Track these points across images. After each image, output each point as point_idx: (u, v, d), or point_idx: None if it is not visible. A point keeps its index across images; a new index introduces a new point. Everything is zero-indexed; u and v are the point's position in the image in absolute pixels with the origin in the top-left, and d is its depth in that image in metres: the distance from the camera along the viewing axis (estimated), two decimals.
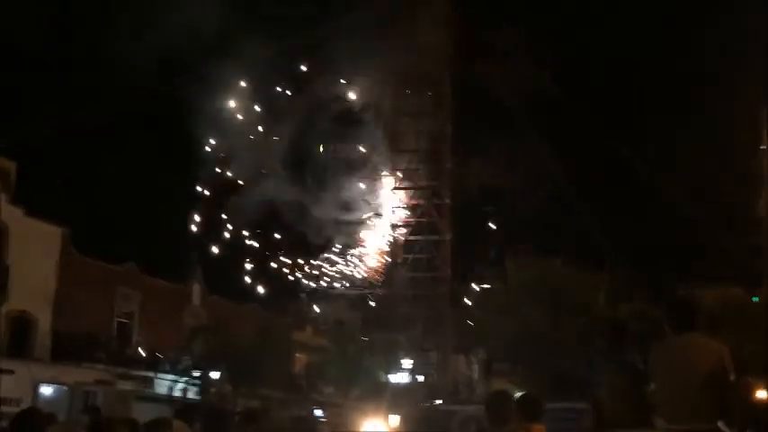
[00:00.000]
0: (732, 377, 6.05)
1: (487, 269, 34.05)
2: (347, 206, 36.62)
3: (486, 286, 33.68)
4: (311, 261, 38.14)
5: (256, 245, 39.29)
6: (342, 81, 36.00)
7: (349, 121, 37.57)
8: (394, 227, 37.57)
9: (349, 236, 37.37)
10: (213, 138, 35.31)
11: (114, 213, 37.94)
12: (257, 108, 35.62)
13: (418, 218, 37.42)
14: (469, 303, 34.43)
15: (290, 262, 38.84)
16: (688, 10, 32.61)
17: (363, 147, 38.10)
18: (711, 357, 6.13)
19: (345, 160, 37.50)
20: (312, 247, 37.90)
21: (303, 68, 35.03)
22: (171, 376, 33.54)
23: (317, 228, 36.41)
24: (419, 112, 37.68)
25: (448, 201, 37.54)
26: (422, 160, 38.04)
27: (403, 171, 37.58)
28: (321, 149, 37.15)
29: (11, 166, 30.28)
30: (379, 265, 38.34)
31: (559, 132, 35.58)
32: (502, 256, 33.98)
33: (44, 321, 30.08)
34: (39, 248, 29.76)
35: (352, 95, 36.71)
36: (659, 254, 32.75)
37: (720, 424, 5.94)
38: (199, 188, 35.67)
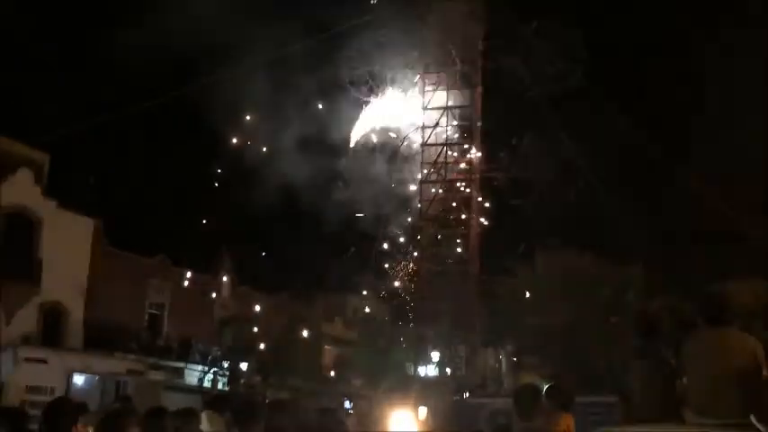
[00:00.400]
0: (765, 372, 5.97)
1: (516, 262, 33.85)
2: (372, 198, 36.53)
3: (514, 280, 33.52)
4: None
5: (284, 236, 39.37)
6: (366, 68, 35.85)
7: (374, 109, 37.46)
8: (421, 219, 37.39)
9: (374, 228, 37.32)
10: (239, 125, 35.31)
11: (146, 206, 38.26)
12: (278, 93, 35.60)
13: (446, 210, 37.19)
14: (498, 297, 34.26)
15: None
16: None
17: (389, 138, 38.00)
18: (744, 352, 6.05)
19: (369, 150, 37.43)
20: (335, 238, 37.91)
21: (329, 54, 34.95)
22: (201, 367, 33.82)
23: (338, 218, 36.40)
24: (447, 105, 37.45)
25: (476, 193, 37.27)
26: (450, 152, 37.80)
27: (431, 163, 37.36)
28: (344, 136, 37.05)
29: (44, 158, 30.63)
30: (407, 258, 38.24)
31: (590, 122, 35.25)
32: (531, 249, 33.79)
33: (77, 312, 30.46)
34: (71, 240, 30.12)
35: (377, 83, 36.57)
36: (692, 246, 32.35)
37: (752, 419, 5.87)
38: (225, 178, 35.74)
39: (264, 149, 34.93)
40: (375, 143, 37.59)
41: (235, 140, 35.09)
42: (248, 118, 35.08)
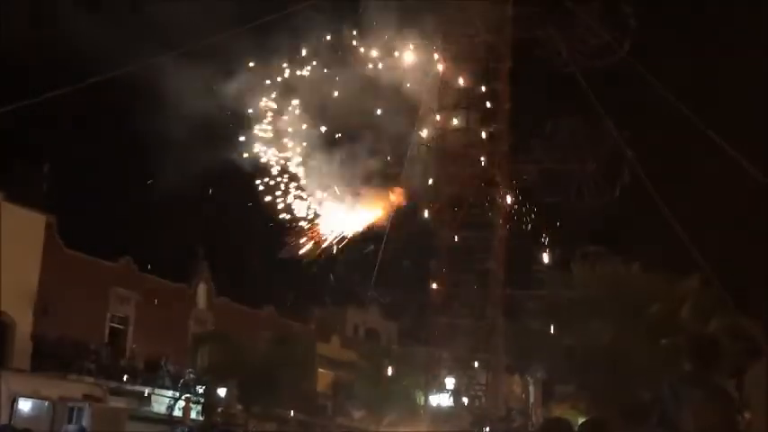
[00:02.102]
0: None
1: (550, 273, 33.79)
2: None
3: (547, 293, 33.49)
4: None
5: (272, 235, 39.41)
6: (382, 47, 35.90)
7: (387, 94, 37.49)
8: (438, 221, 37.40)
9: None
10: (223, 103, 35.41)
11: (108, 200, 38.35)
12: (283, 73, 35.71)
13: (467, 210, 37.22)
14: (526, 313, 34.25)
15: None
16: None
17: (403, 125, 38.02)
18: None
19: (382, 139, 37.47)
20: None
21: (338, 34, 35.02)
22: (171, 392, 33.86)
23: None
24: (472, 85, 37.43)
25: (503, 190, 37.27)
26: (473, 141, 37.81)
27: (448, 154, 37.36)
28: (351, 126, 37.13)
29: None
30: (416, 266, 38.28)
31: (640, 112, 35.12)
32: (567, 257, 33.72)
33: (24, 325, 30.49)
34: (19, 239, 30.12)
35: (392, 65, 36.61)
36: (758, 259, 32.27)
37: None
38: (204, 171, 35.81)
39: (248, 134, 34.95)
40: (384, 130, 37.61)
41: (215, 123, 35.15)
42: (232, 90, 35.15)
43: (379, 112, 37.53)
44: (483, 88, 37.34)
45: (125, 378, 32.86)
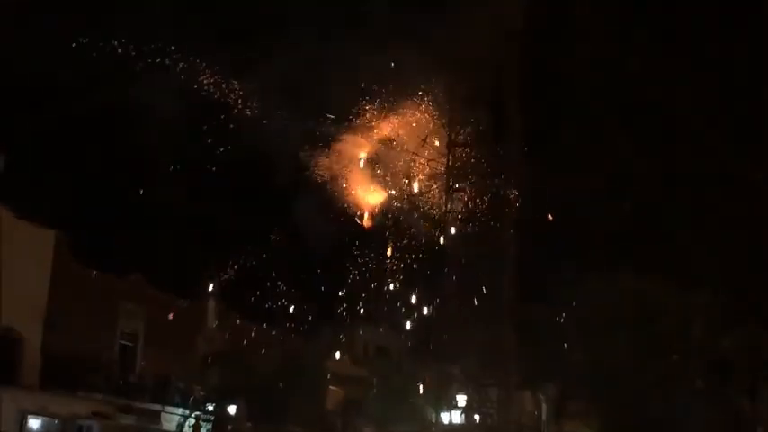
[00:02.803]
0: None
1: (561, 288, 33.65)
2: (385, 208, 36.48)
3: (558, 308, 33.37)
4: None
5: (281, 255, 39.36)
6: (384, 56, 35.84)
7: (391, 106, 37.43)
8: (446, 236, 37.28)
9: (388, 246, 37.29)
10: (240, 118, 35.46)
11: (118, 215, 38.28)
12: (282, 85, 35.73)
13: (476, 224, 37.08)
14: (538, 329, 34.10)
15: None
16: None
17: (409, 138, 37.93)
18: None
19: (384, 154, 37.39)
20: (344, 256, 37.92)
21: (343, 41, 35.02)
22: (181, 410, 33.79)
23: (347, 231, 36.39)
24: (480, 96, 37.33)
25: (515, 202, 37.13)
26: (483, 155, 37.68)
27: (459, 167, 37.28)
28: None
29: None
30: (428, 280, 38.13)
31: (652, 123, 34.97)
32: (579, 272, 33.56)
33: (33, 341, 30.44)
34: (29, 255, 30.15)
35: (396, 75, 36.53)
36: None
37: None
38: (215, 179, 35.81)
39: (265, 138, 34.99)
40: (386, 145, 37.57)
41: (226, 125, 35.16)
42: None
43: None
44: (493, 99, 37.32)
45: (134, 395, 32.79)
